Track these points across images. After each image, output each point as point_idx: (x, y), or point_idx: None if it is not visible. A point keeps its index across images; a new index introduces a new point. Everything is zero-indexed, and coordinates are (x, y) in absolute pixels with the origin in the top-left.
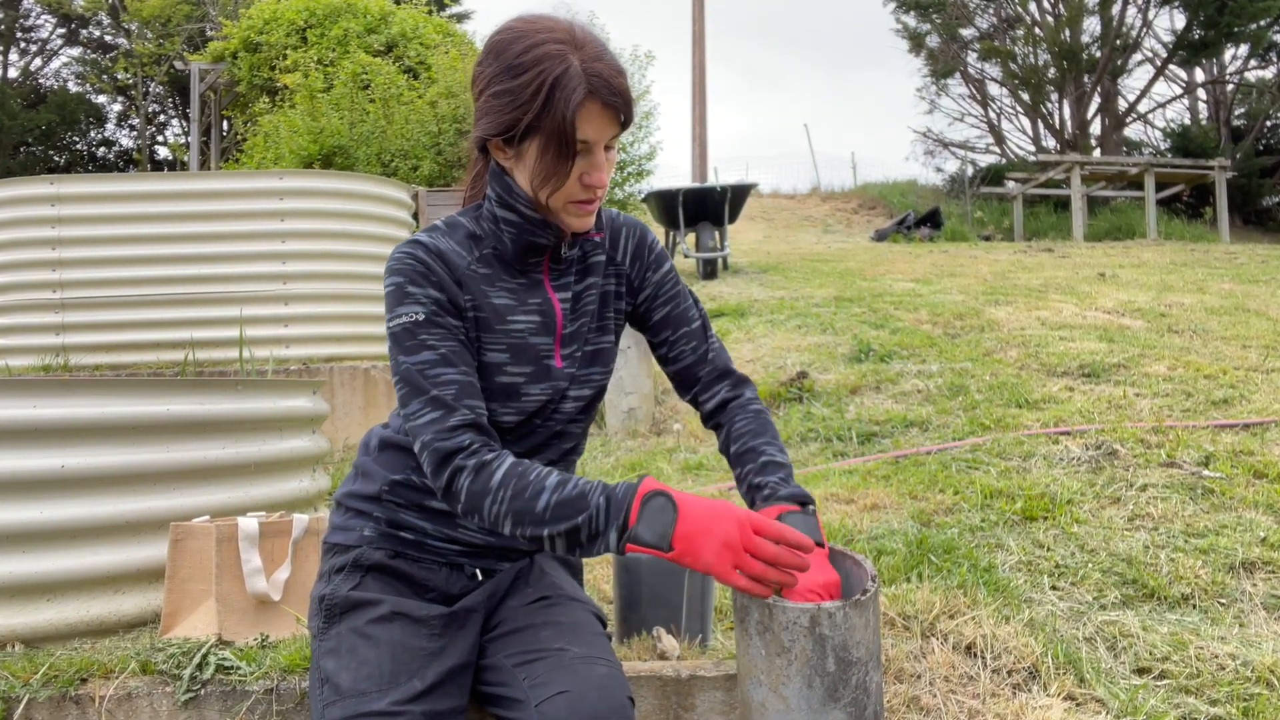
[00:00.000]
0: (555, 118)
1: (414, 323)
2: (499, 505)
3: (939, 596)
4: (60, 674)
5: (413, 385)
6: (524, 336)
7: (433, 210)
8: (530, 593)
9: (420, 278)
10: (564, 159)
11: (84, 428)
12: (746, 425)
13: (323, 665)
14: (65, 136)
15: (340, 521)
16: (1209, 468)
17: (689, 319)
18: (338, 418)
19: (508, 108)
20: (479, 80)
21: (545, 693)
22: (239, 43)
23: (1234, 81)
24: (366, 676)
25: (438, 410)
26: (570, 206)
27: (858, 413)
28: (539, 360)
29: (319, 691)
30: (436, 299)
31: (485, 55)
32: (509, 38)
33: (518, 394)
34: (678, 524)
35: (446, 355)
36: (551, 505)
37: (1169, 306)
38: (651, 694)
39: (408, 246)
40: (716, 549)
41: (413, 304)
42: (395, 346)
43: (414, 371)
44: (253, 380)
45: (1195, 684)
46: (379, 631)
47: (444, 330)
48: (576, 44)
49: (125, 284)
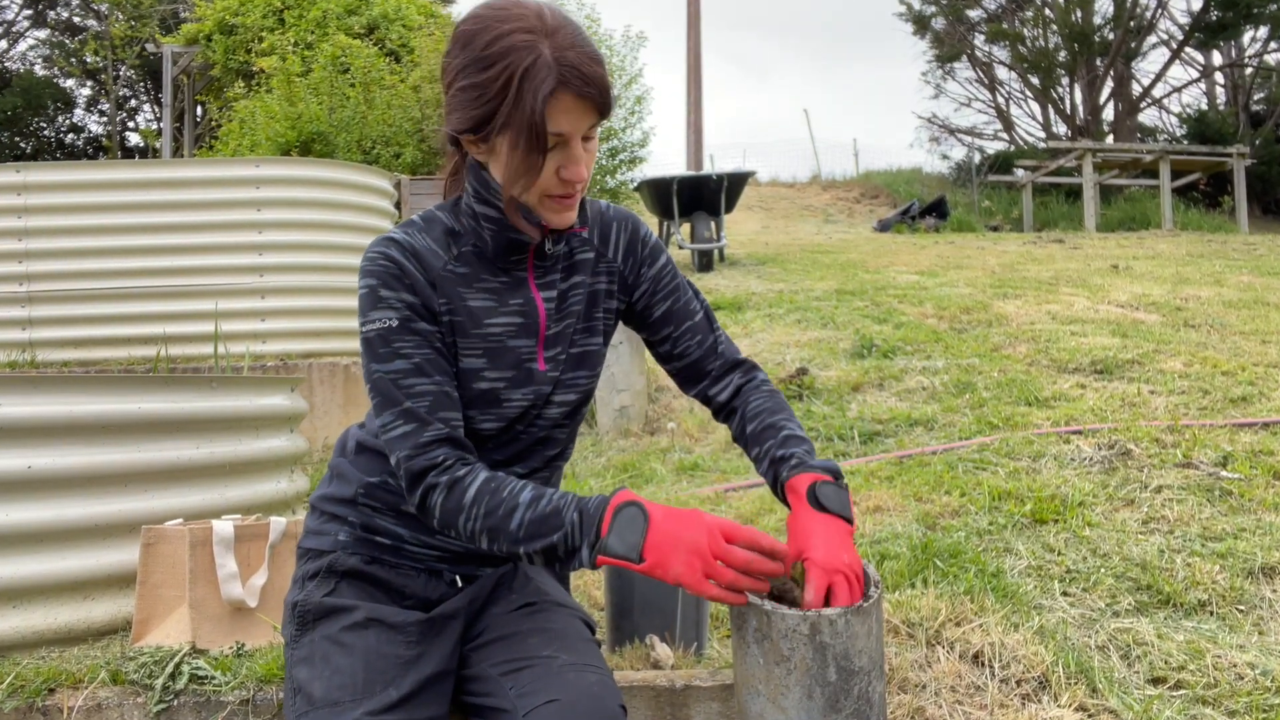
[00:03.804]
0: (524, 111)
1: (387, 329)
2: (473, 523)
3: (945, 603)
4: (27, 684)
5: (385, 395)
6: (502, 340)
7: (415, 199)
8: (515, 599)
9: (394, 280)
10: (535, 154)
11: (52, 427)
12: (763, 403)
13: (295, 674)
14: (32, 122)
15: (315, 526)
16: (1227, 468)
17: (691, 312)
18: (316, 416)
19: (476, 102)
20: (447, 72)
21: (533, 702)
22: (213, 24)
23: (1253, 65)
24: (340, 686)
25: (411, 424)
26: (547, 201)
27: (860, 411)
28: (520, 364)
29: (292, 701)
30: (410, 303)
31: (453, 46)
32: (476, 27)
33: (498, 400)
34: (648, 534)
35: (420, 365)
36: (525, 523)
37: (1185, 300)
38: (644, 705)
39: (381, 245)
40: (685, 558)
41: (385, 309)
42: (368, 353)
43: (387, 381)
44: (228, 377)
45: (1212, 694)
46: (353, 639)
47: (419, 337)
48: (547, 31)
49: (95, 276)
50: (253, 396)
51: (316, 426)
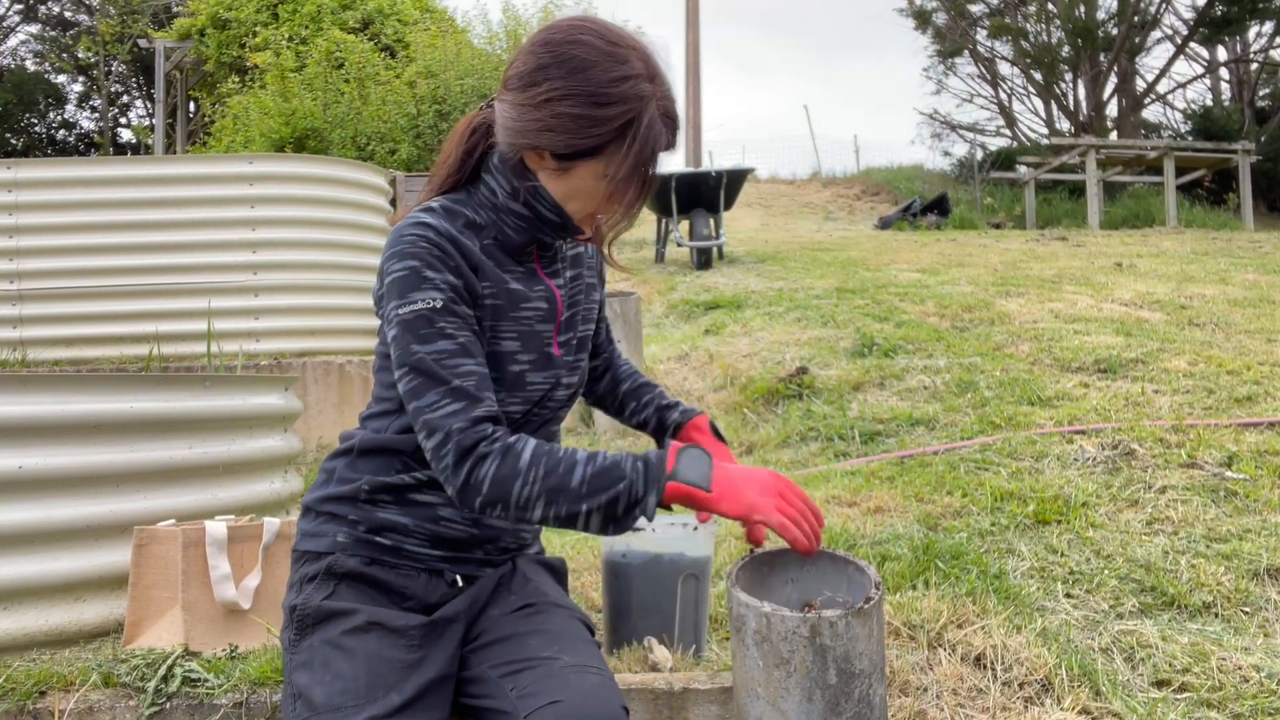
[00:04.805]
0: (640, 158)
1: (431, 310)
2: (531, 486)
3: (946, 605)
4: (17, 686)
5: (429, 375)
6: (531, 324)
7: (411, 196)
8: (514, 600)
9: (438, 262)
10: (639, 196)
11: (43, 426)
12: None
13: (295, 680)
14: (23, 118)
15: (311, 527)
16: (1232, 469)
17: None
18: (311, 416)
19: (586, 134)
20: (539, 84)
21: (535, 703)
22: (207, 19)
23: (1259, 60)
24: (342, 691)
25: (461, 401)
26: (587, 219)
27: (860, 410)
28: (542, 348)
29: (292, 707)
30: (454, 285)
31: (555, 63)
32: (590, 56)
33: (524, 383)
34: (714, 469)
35: (465, 345)
36: (588, 478)
37: (1190, 298)
38: (642, 707)
39: (417, 228)
40: (758, 488)
41: (431, 289)
42: (407, 334)
43: (430, 361)
44: (221, 376)
45: (1217, 697)
46: (354, 643)
47: (460, 319)
48: (651, 77)
49: (86, 274)
50: (246, 396)
51: (311, 426)
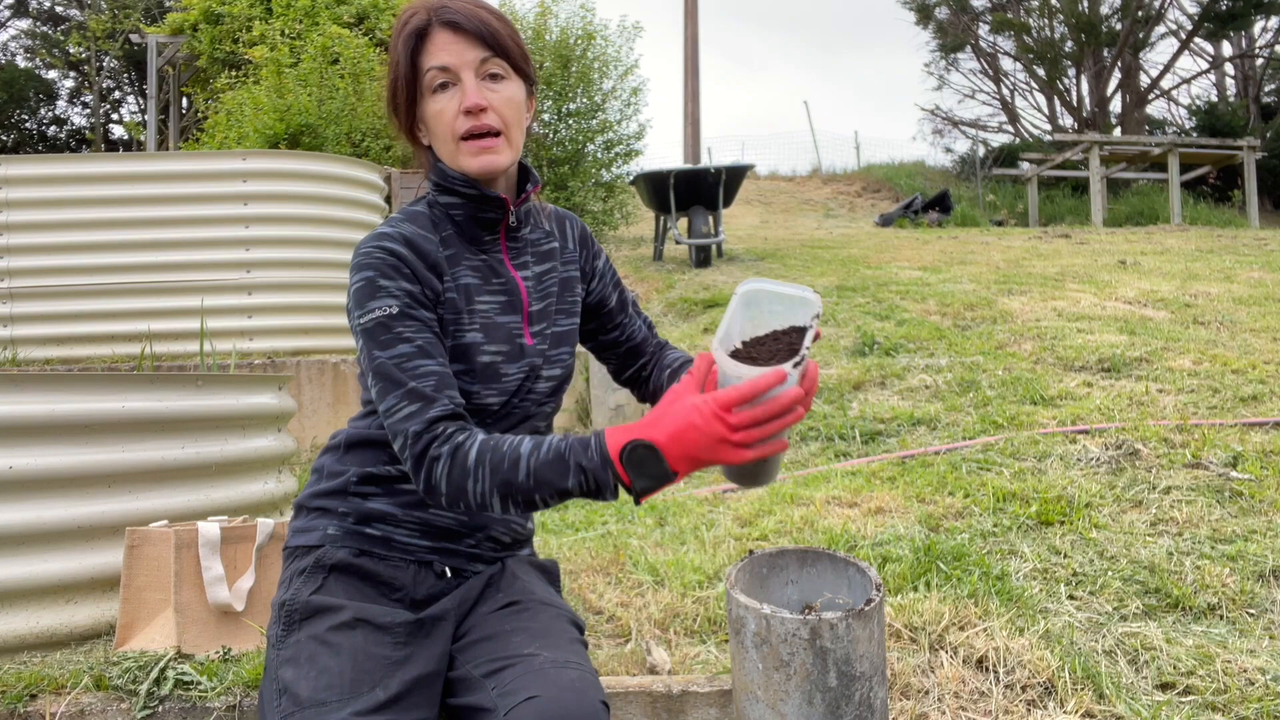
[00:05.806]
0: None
1: (388, 316)
2: (482, 483)
3: (948, 607)
4: (8, 689)
5: (389, 379)
6: (490, 316)
7: (406, 193)
8: (500, 598)
9: (392, 270)
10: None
11: (33, 426)
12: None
13: (280, 675)
14: (13, 115)
15: (301, 524)
16: (1237, 469)
17: (627, 299)
18: (305, 415)
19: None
20: None
21: (514, 700)
22: (199, 14)
23: (1264, 56)
24: (327, 686)
25: (416, 402)
26: (464, 146)
27: (861, 410)
28: (512, 339)
29: (276, 703)
30: (409, 291)
31: None
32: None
33: (498, 374)
34: (666, 457)
35: (423, 347)
36: (533, 470)
37: (1194, 296)
38: (641, 710)
39: (375, 240)
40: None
41: (386, 297)
42: (368, 342)
43: (390, 365)
44: (214, 375)
45: (1222, 700)
46: (340, 639)
47: (418, 323)
48: None
49: (78, 272)
50: (239, 395)
51: (305, 426)
